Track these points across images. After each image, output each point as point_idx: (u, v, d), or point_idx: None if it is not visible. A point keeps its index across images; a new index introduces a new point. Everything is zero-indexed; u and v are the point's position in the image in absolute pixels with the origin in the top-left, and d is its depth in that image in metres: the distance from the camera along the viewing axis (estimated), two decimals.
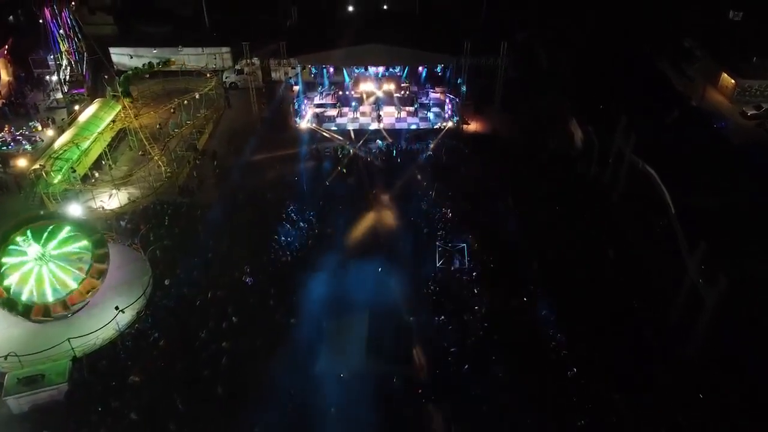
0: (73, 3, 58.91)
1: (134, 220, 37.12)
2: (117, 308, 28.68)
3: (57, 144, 41.38)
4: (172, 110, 47.18)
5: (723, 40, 53.90)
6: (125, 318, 29.19)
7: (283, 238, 34.63)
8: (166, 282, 31.88)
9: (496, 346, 27.24)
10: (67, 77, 51.12)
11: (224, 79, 55.60)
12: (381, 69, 50.45)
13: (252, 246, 34.00)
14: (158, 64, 49.17)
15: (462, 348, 27.41)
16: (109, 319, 28.55)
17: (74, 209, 35.68)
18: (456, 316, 29.08)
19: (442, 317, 29.11)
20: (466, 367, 26.51)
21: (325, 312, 29.05)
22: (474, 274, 31.72)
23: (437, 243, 33.18)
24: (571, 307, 28.93)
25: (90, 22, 60.97)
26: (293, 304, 29.71)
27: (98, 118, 44.44)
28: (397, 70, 50.95)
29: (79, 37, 51.85)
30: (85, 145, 41.11)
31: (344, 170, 41.85)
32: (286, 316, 29.29)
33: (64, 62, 51.07)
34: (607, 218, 35.51)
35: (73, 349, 27.33)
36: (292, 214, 36.60)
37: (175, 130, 45.53)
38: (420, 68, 50.49)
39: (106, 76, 50.70)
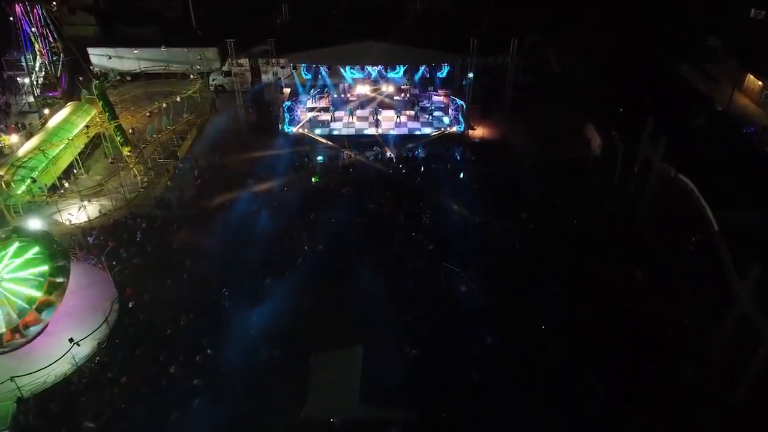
0: (54, 2, 55.64)
1: (103, 235, 33.28)
2: (71, 340, 24.74)
3: (21, 151, 37.58)
4: (148, 114, 43.43)
5: (746, 39, 50.30)
6: (83, 350, 25.23)
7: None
8: (130, 305, 28.15)
9: (510, 386, 23.32)
10: (40, 79, 47.47)
11: (211, 82, 51.95)
12: (379, 69, 46.63)
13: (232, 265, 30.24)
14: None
15: (472, 385, 23.63)
16: (63, 351, 24.58)
17: (34, 223, 31.83)
18: (465, 347, 25.25)
19: (449, 348, 25.25)
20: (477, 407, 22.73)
21: (312, 344, 25.19)
22: (483, 297, 27.87)
23: (443, 262, 29.44)
24: (595, 338, 25.04)
25: (70, 22, 57.36)
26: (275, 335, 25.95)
27: (70, 123, 40.53)
28: (398, 72, 47.12)
29: (55, 36, 48.28)
30: (53, 152, 37.32)
31: (339, 180, 38.23)
32: (267, 350, 25.41)
33: (38, 63, 47.46)
34: (633, 235, 31.58)
35: (19, 388, 23.39)
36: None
37: (153, 136, 41.68)
38: (420, 69, 46.65)
39: (80, 78, 47.00)
